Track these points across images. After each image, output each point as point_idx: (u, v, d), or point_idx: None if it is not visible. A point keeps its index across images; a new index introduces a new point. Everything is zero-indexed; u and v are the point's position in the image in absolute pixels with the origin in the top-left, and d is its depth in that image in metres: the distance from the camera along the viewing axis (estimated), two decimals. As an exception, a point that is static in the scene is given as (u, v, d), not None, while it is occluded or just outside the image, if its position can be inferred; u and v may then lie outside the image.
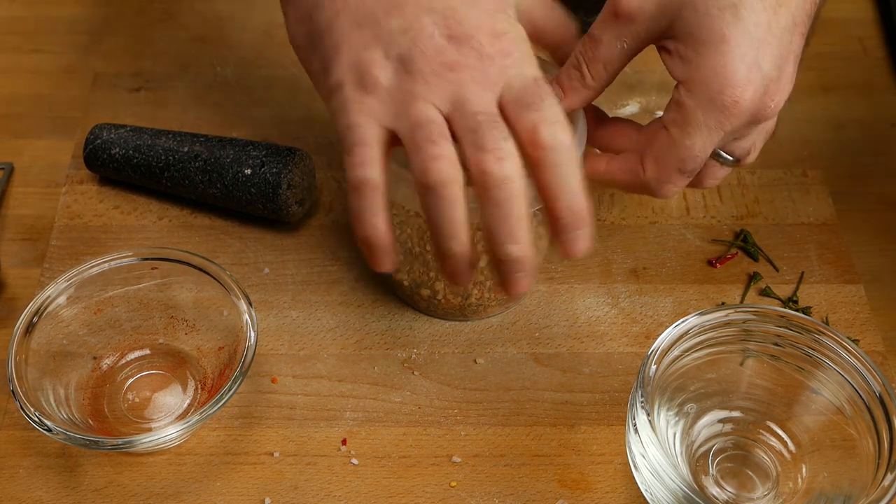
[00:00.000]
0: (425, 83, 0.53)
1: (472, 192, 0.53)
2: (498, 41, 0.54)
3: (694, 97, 0.54)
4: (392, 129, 0.54)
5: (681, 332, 0.58)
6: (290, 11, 0.58)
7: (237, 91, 0.82)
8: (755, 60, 0.53)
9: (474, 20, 0.54)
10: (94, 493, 0.61)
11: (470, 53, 0.54)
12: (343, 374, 0.66)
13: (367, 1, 0.55)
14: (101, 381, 0.65)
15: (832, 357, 0.59)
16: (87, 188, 0.76)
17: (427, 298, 0.67)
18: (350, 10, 0.55)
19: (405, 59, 0.54)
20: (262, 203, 0.71)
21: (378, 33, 0.55)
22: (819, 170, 0.78)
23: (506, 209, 0.52)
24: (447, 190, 0.52)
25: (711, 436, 0.62)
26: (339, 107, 0.55)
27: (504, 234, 0.53)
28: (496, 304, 0.68)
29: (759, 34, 0.53)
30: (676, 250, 0.73)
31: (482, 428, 0.64)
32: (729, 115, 0.54)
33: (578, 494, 0.61)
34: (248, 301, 0.63)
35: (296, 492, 0.61)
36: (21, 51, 0.86)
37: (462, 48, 0.54)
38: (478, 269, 0.65)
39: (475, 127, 0.53)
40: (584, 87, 0.58)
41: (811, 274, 0.72)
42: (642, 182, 0.58)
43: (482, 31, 0.54)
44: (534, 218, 0.56)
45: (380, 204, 0.54)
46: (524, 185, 0.53)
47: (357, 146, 0.54)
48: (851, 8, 0.91)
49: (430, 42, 0.54)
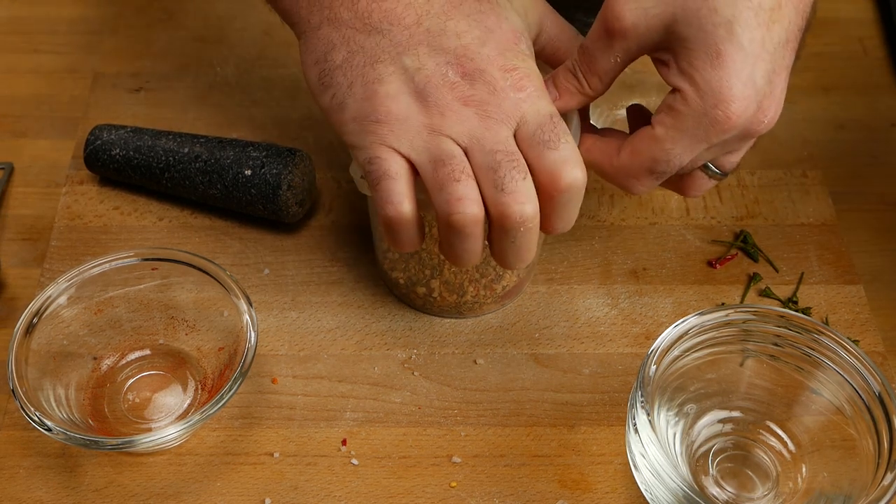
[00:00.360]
0: (441, 116, 0.54)
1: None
2: (510, 75, 0.56)
3: (688, 106, 0.54)
4: (410, 160, 0.55)
5: (681, 333, 0.58)
6: (307, 57, 0.59)
7: (237, 91, 0.82)
8: (750, 76, 0.53)
9: (486, 57, 0.56)
10: (94, 493, 0.61)
11: (483, 88, 0.55)
12: (343, 374, 0.66)
13: (382, 42, 0.56)
14: (102, 381, 0.65)
15: (832, 357, 0.59)
16: (88, 188, 0.76)
17: (423, 296, 0.67)
18: (365, 52, 0.56)
19: (421, 93, 0.55)
20: (262, 204, 0.71)
21: (392, 70, 0.56)
22: (819, 170, 0.78)
23: (520, 244, 0.56)
24: (469, 229, 0.55)
25: (711, 436, 0.62)
26: (357, 140, 0.56)
27: (514, 260, 0.57)
28: (492, 302, 0.68)
29: (753, 50, 0.53)
30: (676, 251, 0.73)
31: (482, 428, 0.64)
32: (719, 130, 0.54)
33: (578, 494, 0.61)
34: (248, 301, 0.63)
35: (296, 492, 0.61)
36: (21, 51, 0.86)
37: (475, 84, 0.55)
38: (473, 267, 0.65)
39: (495, 166, 0.54)
40: (581, 93, 0.58)
41: (811, 274, 0.72)
42: (613, 168, 0.59)
43: (494, 66, 0.55)
44: None
45: (415, 234, 0.57)
46: (538, 222, 0.55)
47: (383, 181, 0.55)
48: (851, 8, 0.91)
49: (444, 79, 0.55)
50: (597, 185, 0.76)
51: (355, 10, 0.57)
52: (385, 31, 0.56)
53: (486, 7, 0.57)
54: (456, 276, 0.65)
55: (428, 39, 0.56)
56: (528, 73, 0.56)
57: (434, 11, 0.56)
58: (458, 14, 0.57)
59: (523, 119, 0.55)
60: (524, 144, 0.55)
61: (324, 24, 0.58)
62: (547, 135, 0.54)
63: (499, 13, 0.57)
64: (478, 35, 0.56)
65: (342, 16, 0.57)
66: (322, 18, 0.58)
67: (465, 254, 0.56)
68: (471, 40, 0.56)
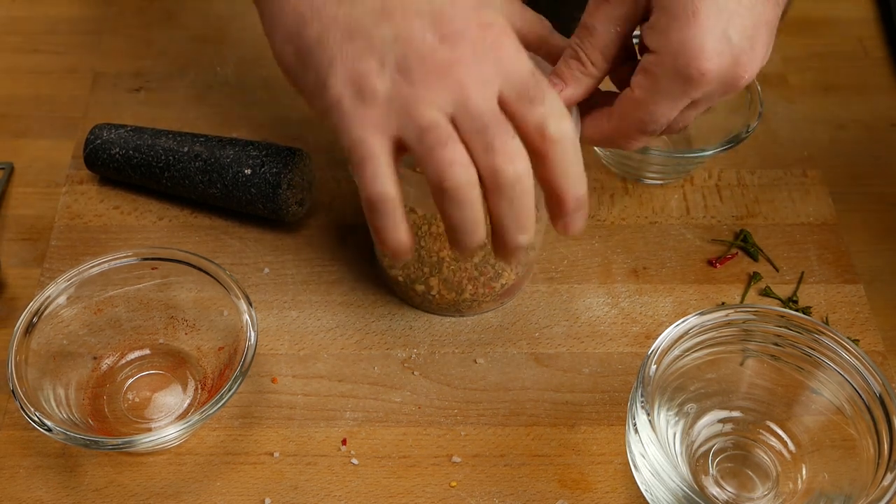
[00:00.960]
0: (425, 86, 0.54)
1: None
2: (488, 32, 0.55)
3: (661, 66, 0.55)
4: (397, 138, 0.54)
5: (681, 332, 0.58)
6: (276, 32, 0.58)
7: (237, 91, 0.82)
8: (724, 33, 0.54)
9: (462, 17, 0.55)
10: (94, 493, 0.61)
11: (465, 50, 0.54)
12: (343, 374, 0.66)
13: (355, 12, 0.55)
14: (101, 381, 0.65)
15: (832, 357, 0.59)
16: (88, 188, 0.76)
17: (422, 294, 0.67)
18: (339, 24, 0.55)
19: (401, 65, 0.54)
20: (262, 203, 0.71)
21: (371, 43, 0.55)
22: (819, 170, 0.78)
23: (518, 206, 0.54)
24: (464, 193, 0.53)
25: (711, 436, 0.62)
26: (340, 122, 0.55)
27: (515, 228, 0.55)
28: (490, 300, 0.68)
29: (729, 6, 0.54)
30: (676, 250, 0.73)
31: (482, 428, 0.64)
32: (695, 86, 0.55)
33: (578, 494, 0.61)
34: (248, 301, 0.63)
35: (296, 492, 0.61)
36: (21, 51, 0.86)
37: (455, 46, 0.54)
38: (471, 264, 0.65)
39: (482, 128, 0.53)
40: (586, 74, 0.59)
41: (811, 274, 0.72)
42: (606, 136, 0.60)
43: (471, 25, 0.55)
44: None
45: (399, 217, 0.55)
46: (532, 181, 0.54)
47: (366, 161, 0.54)
48: (851, 8, 0.91)
49: (423, 44, 0.54)
50: (596, 185, 0.76)
51: None
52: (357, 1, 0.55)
53: None
54: (455, 274, 0.65)
55: (402, 4, 0.55)
56: (504, 29, 0.56)
57: None
58: None
59: (506, 79, 0.54)
60: (509, 106, 0.54)
61: None
62: (532, 91, 0.54)
63: None
64: None
65: None
66: None
67: (466, 224, 0.54)
68: (444, 2, 0.55)
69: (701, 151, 0.72)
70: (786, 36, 0.83)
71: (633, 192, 0.76)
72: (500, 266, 0.66)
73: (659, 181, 0.76)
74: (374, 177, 0.54)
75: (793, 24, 0.88)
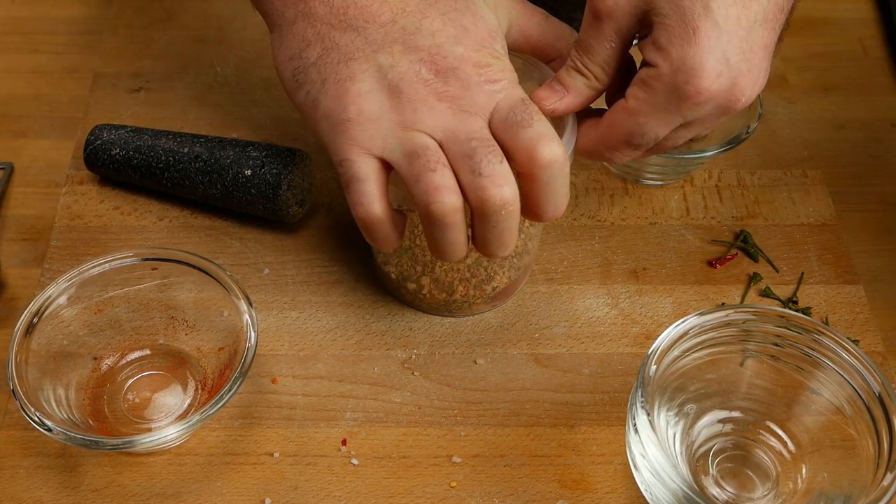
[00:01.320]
0: (414, 112, 0.55)
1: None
2: (484, 72, 0.56)
3: (660, 80, 0.55)
4: (385, 159, 0.55)
5: (681, 333, 0.58)
6: (280, 52, 0.59)
7: (237, 91, 0.82)
8: (723, 54, 0.54)
9: (459, 55, 0.56)
10: (94, 493, 0.61)
11: (456, 84, 0.55)
12: (343, 374, 0.66)
13: (357, 40, 0.56)
14: (102, 381, 0.65)
15: (832, 357, 0.59)
16: (88, 188, 0.76)
17: (413, 292, 0.67)
18: (339, 49, 0.57)
19: (394, 89, 0.55)
20: (262, 204, 0.71)
21: (365, 67, 0.56)
22: (819, 170, 0.78)
23: (501, 229, 0.56)
24: (449, 218, 0.54)
25: (711, 436, 0.62)
26: (330, 140, 0.57)
27: (497, 246, 0.57)
28: (482, 302, 0.68)
29: (728, 27, 0.54)
30: (676, 251, 0.73)
31: (482, 428, 0.64)
32: (691, 104, 0.55)
33: (578, 494, 0.61)
34: (248, 301, 0.63)
35: (296, 492, 0.61)
36: (21, 51, 0.86)
37: (449, 81, 0.55)
38: (464, 266, 0.65)
39: (470, 152, 0.54)
40: (588, 86, 0.59)
41: (811, 274, 0.72)
42: (592, 143, 0.60)
43: (467, 63, 0.56)
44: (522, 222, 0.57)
45: (390, 232, 0.57)
46: (519, 204, 0.55)
47: (352, 182, 0.56)
48: (851, 8, 0.91)
49: (418, 76, 0.55)
50: (596, 185, 0.76)
51: (331, 6, 0.57)
52: (360, 29, 0.56)
53: (462, 5, 0.57)
54: (447, 275, 0.65)
55: (403, 38, 0.56)
56: (502, 70, 0.56)
57: (409, 10, 0.57)
58: (434, 12, 0.57)
59: (497, 108, 0.55)
60: (498, 130, 0.55)
61: (298, 18, 0.58)
62: (519, 115, 0.54)
63: (474, 12, 0.58)
64: (452, 34, 0.56)
65: (318, 11, 0.57)
66: (297, 13, 0.58)
67: (449, 246, 0.56)
68: (445, 39, 0.56)
69: (701, 152, 0.72)
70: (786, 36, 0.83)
71: (633, 192, 0.76)
72: (492, 269, 0.66)
73: (659, 182, 0.76)
74: (359, 198, 0.55)
75: (793, 24, 0.87)
